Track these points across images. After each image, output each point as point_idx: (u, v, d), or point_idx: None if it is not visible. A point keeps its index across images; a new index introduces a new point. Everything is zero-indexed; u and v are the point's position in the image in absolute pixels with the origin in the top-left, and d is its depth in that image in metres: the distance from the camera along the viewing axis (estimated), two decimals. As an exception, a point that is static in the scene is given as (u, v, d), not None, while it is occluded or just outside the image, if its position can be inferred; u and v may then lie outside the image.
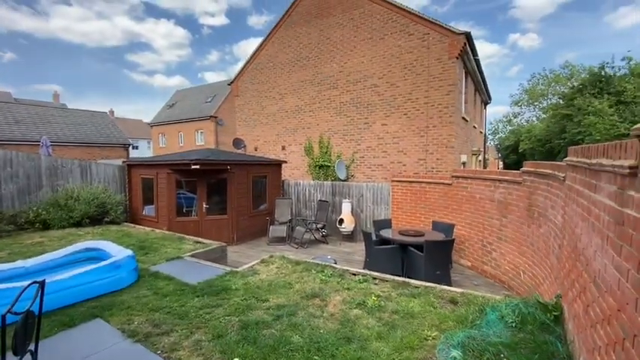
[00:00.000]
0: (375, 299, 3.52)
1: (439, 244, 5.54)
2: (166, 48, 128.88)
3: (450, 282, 5.39)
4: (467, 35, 9.00)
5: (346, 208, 8.99)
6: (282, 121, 13.02)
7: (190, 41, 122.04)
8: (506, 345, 2.38)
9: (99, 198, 7.75)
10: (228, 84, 15.93)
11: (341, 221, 8.93)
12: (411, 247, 5.69)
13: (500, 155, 37.66)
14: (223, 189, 8.57)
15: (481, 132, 16.61)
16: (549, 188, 3.89)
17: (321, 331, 2.92)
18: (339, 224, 8.94)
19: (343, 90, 11.25)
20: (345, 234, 9.00)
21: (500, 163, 37.25)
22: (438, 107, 9.40)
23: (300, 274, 4.36)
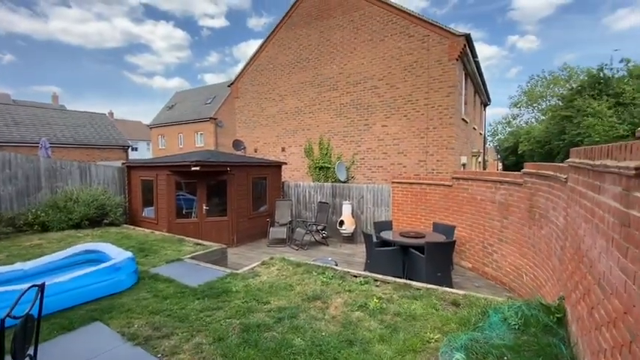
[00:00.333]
0: (377, 301, 3.50)
1: (440, 246, 5.53)
2: (166, 50, 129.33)
3: (451, 284, 5.37)
4: (467, 37, 9.01)
5: (346, 210, 8.98)
6: (282, 123, 13.02)
7: (190, 43, 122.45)
8: (509, 347, 2.36)
9: (98, 200, 7.71)
10: (227, 85, 15.95)
11: (341, 223, 8.91)
12: (412, 249, 5.67)
13: (499, 157, 37.71)
14: (223, 190, 8.55)
15: (481, 133, 16.62)
16: (551, 190, 3.88)
17: (323, 334, 2.90)
18: (340, 226, 8.92)
19: (343, 91, 11.26)
20: (346, 236, 8.98)
21: (499, 165, 37.29)
22: (438, 109, 9.40)
23: (301, 276, 4.34)
